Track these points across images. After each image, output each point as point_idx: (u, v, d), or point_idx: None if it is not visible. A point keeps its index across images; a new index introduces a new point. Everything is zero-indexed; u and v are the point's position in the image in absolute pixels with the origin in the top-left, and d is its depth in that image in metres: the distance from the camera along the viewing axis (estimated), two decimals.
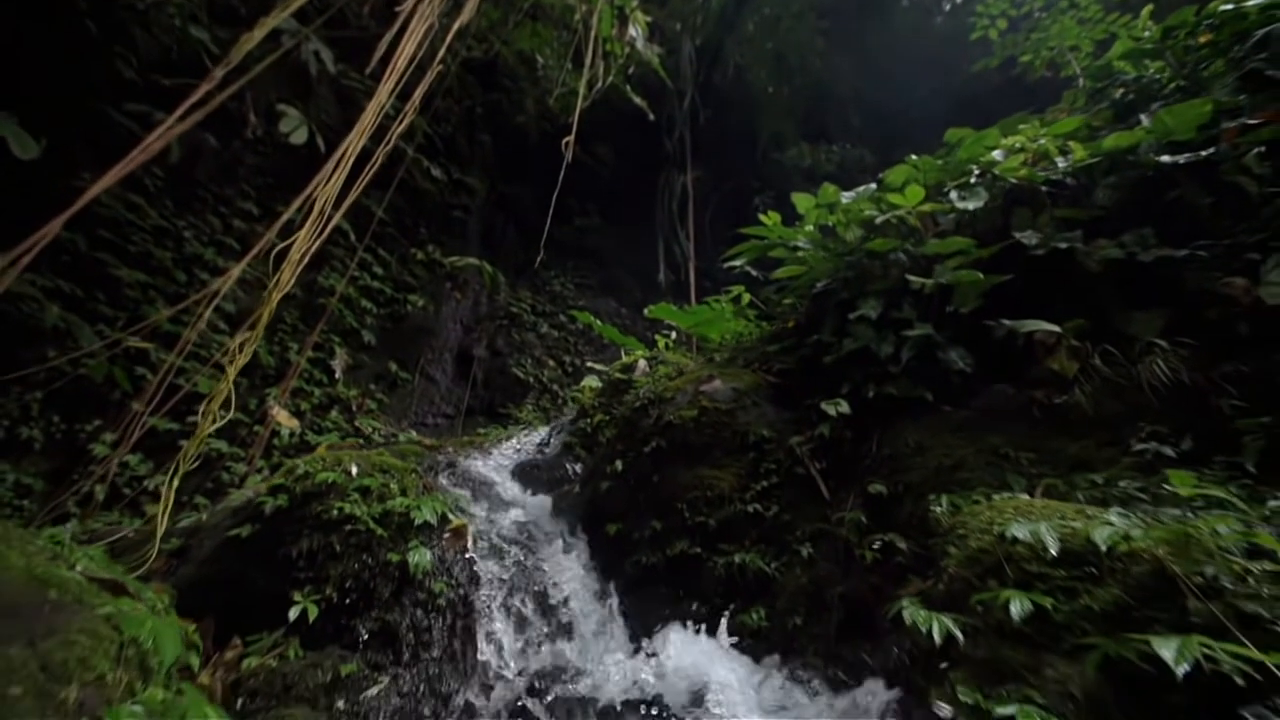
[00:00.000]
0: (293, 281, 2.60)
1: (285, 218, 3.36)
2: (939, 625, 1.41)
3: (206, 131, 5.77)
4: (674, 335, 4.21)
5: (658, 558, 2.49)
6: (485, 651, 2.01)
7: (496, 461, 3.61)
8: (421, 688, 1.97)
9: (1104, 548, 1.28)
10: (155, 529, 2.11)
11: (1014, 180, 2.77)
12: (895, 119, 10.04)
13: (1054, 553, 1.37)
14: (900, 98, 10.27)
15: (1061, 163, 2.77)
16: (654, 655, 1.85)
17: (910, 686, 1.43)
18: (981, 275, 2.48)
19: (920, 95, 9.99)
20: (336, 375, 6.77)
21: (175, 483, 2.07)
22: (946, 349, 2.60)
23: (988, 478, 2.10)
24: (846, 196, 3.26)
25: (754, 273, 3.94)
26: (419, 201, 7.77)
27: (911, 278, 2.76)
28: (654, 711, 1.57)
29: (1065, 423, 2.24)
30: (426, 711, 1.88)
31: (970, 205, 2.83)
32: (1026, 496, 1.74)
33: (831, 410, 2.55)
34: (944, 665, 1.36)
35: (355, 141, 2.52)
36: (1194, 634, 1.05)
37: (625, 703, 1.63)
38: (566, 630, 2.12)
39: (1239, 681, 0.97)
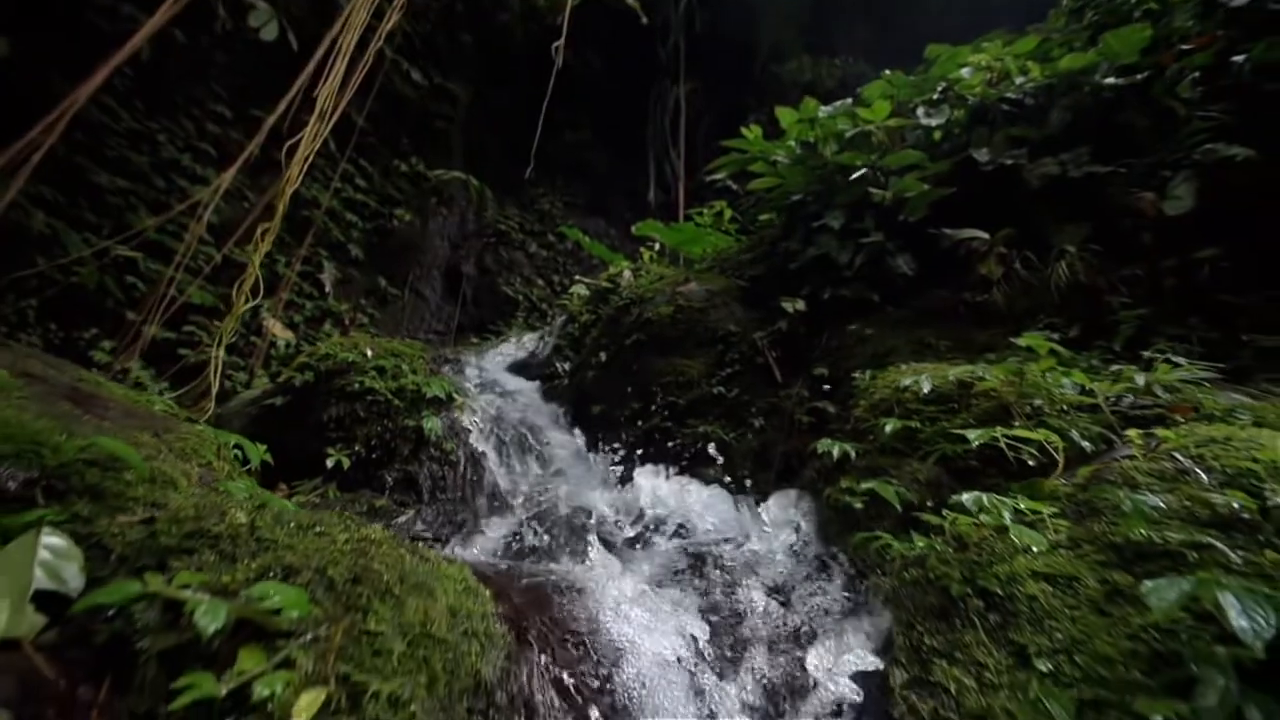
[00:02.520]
0: (300, 178, 2.87)
1: (272, 120, 3.55)
2: (839, 448, 1.93)
3: (174, 27, 5.62)
4: (657, 247, 4.55)
5: (635, 430, 3.02)
6: (488, 489, 2.56)
7: (492, 361, 4.06)
8: (441, 518, 2.53)
9: (955, 380, 1.78)
10: (206, 399, 2.55)
11: (973, 98, 3.05)
12: (904, 32, 9.75)
13: (926, 392, 1.86)
14: (912, 9, 9.91)
15: (1020, 81, 3.04)
16: (630, 488, 2.41)
17: (814, 490, 1.97)
18: (926, 187, 2.84)
19: (933, 7, 9.65)
20: (327, 289, 7.06)
21: (222, 350, 2.49)
22: (895, 256, 3.01)
23: (909, 360, 2.59)
24: (825, 111, 3.51)
25: (735, 187, 4.22)
26: (399, 109, 7.67)
27: (873, 190, 3.10)
28: (629, 512, 2.14)
29: (983, 317, 2.71)
30: (447, 532, 2.44)
31: (933, 122, 3.12)
32: (929, 365, 2.22)
33: (789, 307, 2.99)
34: (839, 478, 1.90)
35: (350, 35, 2.70)
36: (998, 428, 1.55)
37: (602, 511, 2.19)
38: (559, 475, 2.67)
39: (1004, 446, 1.49)
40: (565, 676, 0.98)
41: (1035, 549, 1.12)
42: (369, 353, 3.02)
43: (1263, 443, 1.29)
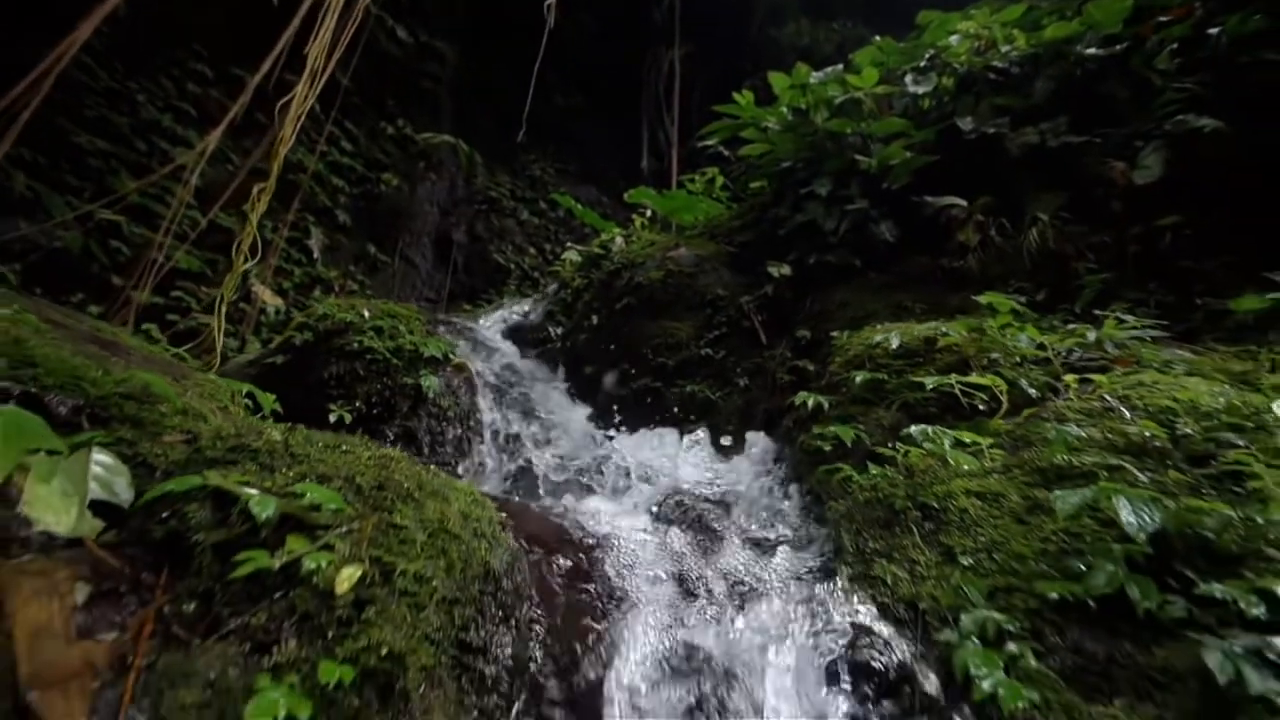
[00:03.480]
0: (293, 138, 2.93)
1: (257, 79, 3.55)
2: (814, 400, 2.11)
3: None
4: (649, 214, 4.64)
5: (626, 390, 3.18)
6: (487, 445, 2.73)
7: (487, 325, 4.19)
8: (440, 470, 2.70)
9: (921, 336, 1.94)
10: (210, 355, 2.66)
11: (959, 66, 3.14)
12: None
13: (894, 348, 2.03)
14: None
15: (1006, 50, 3.12)
16: (621, 442, 2.59)
17: (790, 438, 2.16)
18: (909, 154, 2.95)
19: None
20: (315, 255, 7.07)
21: (225, 307, 2.60)
22: (878, 223, 3.14)
23: (887, 322, 2.75)
24: (816, 77, 3.57)
25: (727, 153, 4.30)
26: (385, 69, 7.54)
27: (860, 158, 3.21)
28: (619, 463, 2.32)
29: (958, 282, 2.87)
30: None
31: (920, 89, 3.21)
32: (902, 325, 2.39)
33: (775, 272, 3.13)
34: (812, 425, 2.07)
35: None
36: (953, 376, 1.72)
37: (592, 462, 2.37)
38: (553, 431, 2.84)
39: (959, 392, 1.67)
40: (561, 565, 1.16)
41: (969, 468, 1.30)
42: (366, 314, 3.14)
43: (1185, 386, 1.48)
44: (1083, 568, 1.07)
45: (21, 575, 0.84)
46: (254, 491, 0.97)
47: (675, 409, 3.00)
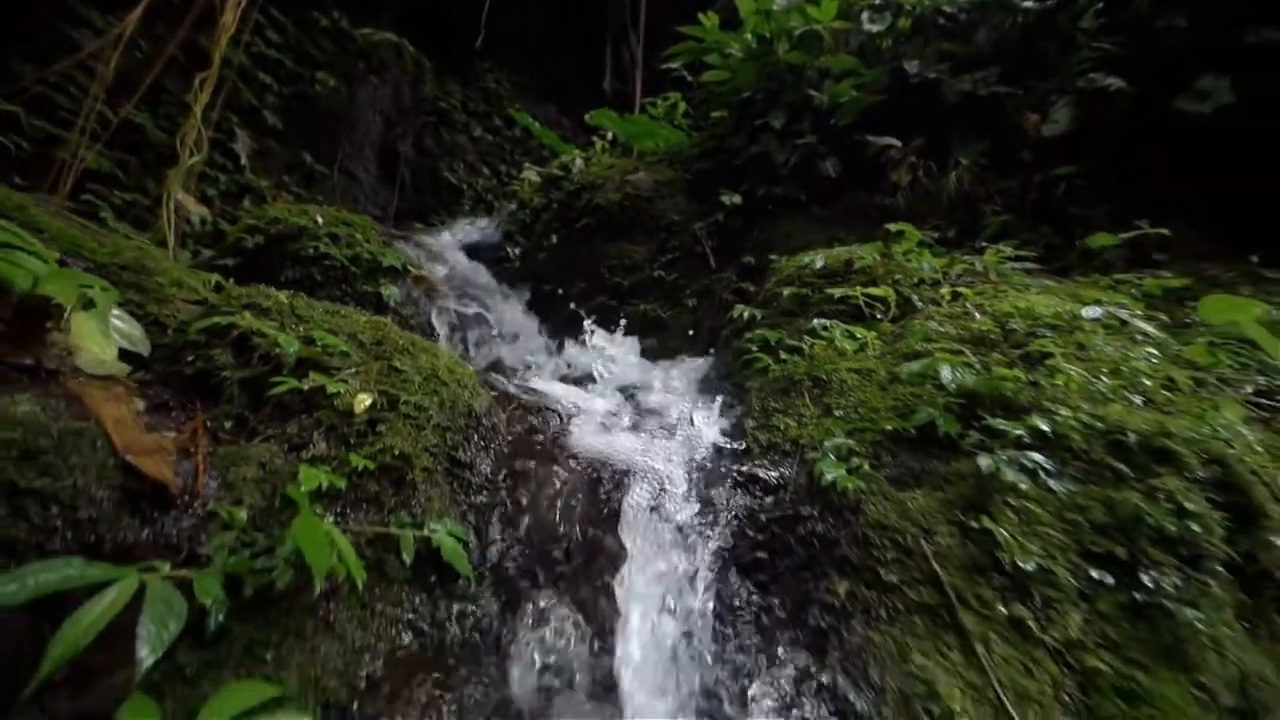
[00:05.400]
0: (235, 22, 2.86)
1: None
2: (749, 312, 2.49)
3: None
4: (610, 137, 4.75)
5: (584, 308, 3.47)
6: (449, 351, 2.99)
7: (443, 242, 4.30)
8: None
9: (841, 259, 2.33)
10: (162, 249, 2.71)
11: (911, 7, 3.39)
12: None
13: (819, 268, 2.41)
14: None
15: None
16: (577, 350, 2.92)
17: (727, 344, 2.55)
18: (857, 93, 3.24)
19: None
20: (242, 160, 6.70)
21: (172, 204, 2.64)
22: (824, 159, 3.46)
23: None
24: (780, 3, 3.72)
25: (691, 79, 4.42)
26: None
27: (813, 93, 3.47)
28: (574, 366, 2.66)
29: (887, 217, 3.26)
30: None
31: (875, 28, 3.45)
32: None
33: (728, 200, 3.43)
34: (745, 333, 2.46)
35: None
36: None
37: (552, 363, 2.69)
38: (512, 340, 3.12)
39: (863, 303, 2.08)
40: (527, 416, 1.50)
41: (854, 354, 1.72)
42: (319, 220, 3.22)
43: (1029, 300, 1.93)
44: (913, 412, 1.51)
45: (92, 386, 1.09)
46: (279, 332, 1.23)
47: (630, 326, 3.33)
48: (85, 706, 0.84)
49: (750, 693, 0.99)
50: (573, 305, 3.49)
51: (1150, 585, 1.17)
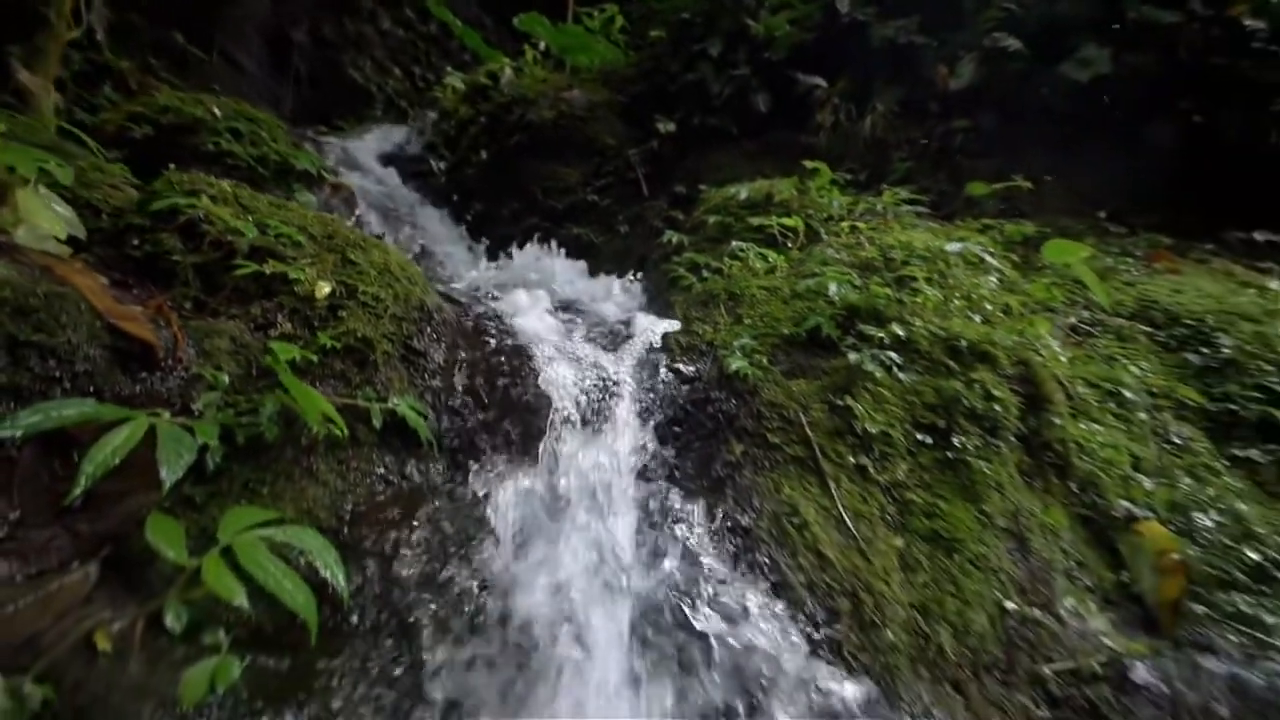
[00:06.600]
0: None
1: None
2: (677, 237, 2.77)
3: None
4: (541, 47, 4.66)
5: (516, 228, 3.58)
6: None
7: (358, 149, 4.14)
8: None
9: (763, 192, 2.65)
10: None
11: None
12: None
13: (743, 198, 2.72)
14: None
15: None
16: (509, 265, 3.07)
17: (656, 269, 2.84)
18: (789, 27, 3.47)
19: None
20: (99, 36, 5.77)
21: (49, 79, 2.41)
22: (756, 92, 3.70)
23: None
24: None
25: None
26: None
27: (751, 22, 3.64)
28: (506, 277, 2.83)
29: (809, 155, 3.60)
30: None
31: None
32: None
33: (663, 128, 3.61)
34: (673, 256, 2.74)
35: None
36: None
37: (486, 279, 2.86)
38: (440, 262, 3.21)
39: (777, 231, 2.43)
40: (472, 316, 1.72)
41: (764, 273, 2.06)
42: (218, 112, 3.04)
43: (910, 235, 2.36)
44: (805, 320, 1.89)
45: (57, 260, 1.17)
46: (232, 217, 1.34)
47: (563, 249, 3.51)
48: (103, 528, 1.03)
49: (671, 513, 1.35)
50: (504, 226, 3.59)
51: (959, 445, 1.65)
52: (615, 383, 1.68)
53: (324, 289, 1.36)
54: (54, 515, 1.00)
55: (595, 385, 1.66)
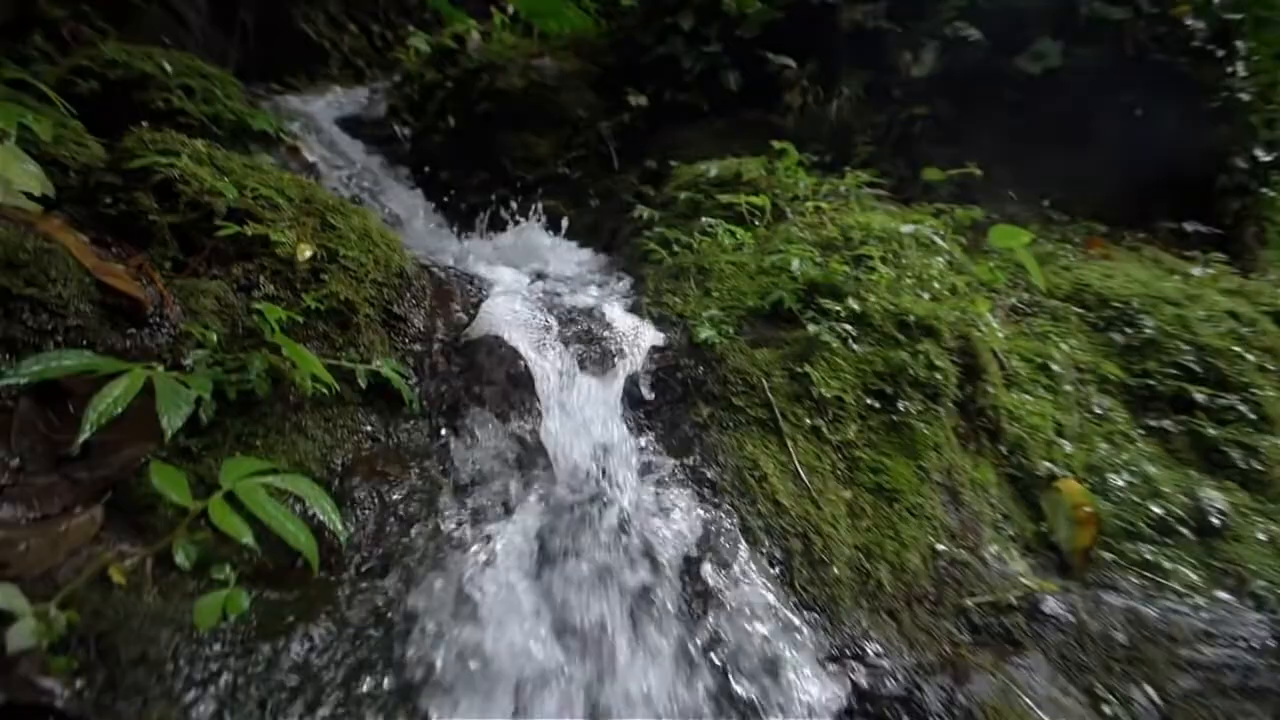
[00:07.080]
0: None
1: None
2: (648, 213, 2.87)
3: None
4: (510, 10, 4.60)
5: (483, 199, 3.60)
6: None
7: (314, 110, 4.03)
8: None
9: (732, 171, 2.77)
10: None
11: None
12: None
13: (712, 176, 2.83)
14: None
15: None
16: (479, 239, 3.11)
17: (628, 243, 2.93)
18: (761, 4, 3.56)
19: None
20: None
21: None
22: (728, 70, 3.79)
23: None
24: None
25: None
26: None
27: None
28: (479, 250, 2.88)
29: (778, 136, 3.73)
30: None
31: None
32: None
33: (634, 101, 3.66)
34: (644, 231, 2.84)
35: None
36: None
37: (459, 251, 2.89)
38: (405, 226, 3.21)
39: (745, 210, 2.57)
40: (450, 283, 1.79)
41: (732, 249, 2.20)
42: (168, 66, 2.93)
43: (868, 217, 2.53)
44: (769, 294, 2.04)
45: (38, 218, 1.19)
46: (213, 179, 1.38)
47: (534, 220, 3.55)
48: (103, 475, 1.09)
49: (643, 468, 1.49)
50: (474, 195, 3.60)
51: (903, 410, 1.84)
52: (593, 354, 1.79)
53: (305, 252, 1.41)
54: (53, 463, 1.05)
55: (575, 356, 1.77)
